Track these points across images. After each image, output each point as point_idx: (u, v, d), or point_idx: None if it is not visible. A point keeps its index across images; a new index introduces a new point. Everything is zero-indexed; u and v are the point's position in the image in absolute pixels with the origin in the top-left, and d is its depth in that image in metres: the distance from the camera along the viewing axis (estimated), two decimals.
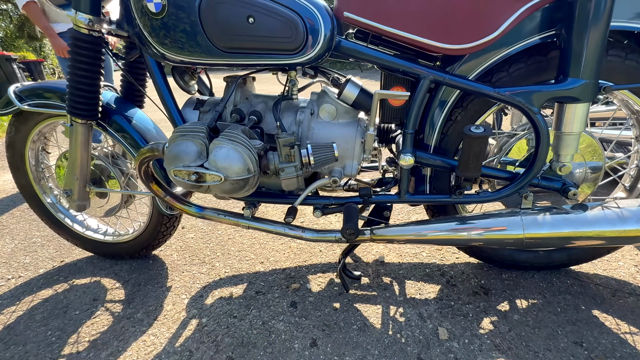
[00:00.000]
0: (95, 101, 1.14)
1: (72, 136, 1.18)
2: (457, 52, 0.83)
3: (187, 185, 0.84)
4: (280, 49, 0.91)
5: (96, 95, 1.13)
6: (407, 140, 0.95)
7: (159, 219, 1.38)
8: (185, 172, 0.81)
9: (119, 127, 1.23)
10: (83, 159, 1.22)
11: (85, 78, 1.08)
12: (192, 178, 0.81)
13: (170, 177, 0.86)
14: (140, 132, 1.25)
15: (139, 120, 1.27)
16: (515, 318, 1.03)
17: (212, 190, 0.84)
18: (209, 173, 0.80)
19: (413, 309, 1.10)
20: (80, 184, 1.26)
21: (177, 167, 0.81)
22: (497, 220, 0.91)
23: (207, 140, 0.83)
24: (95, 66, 1.09)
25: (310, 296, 1.20)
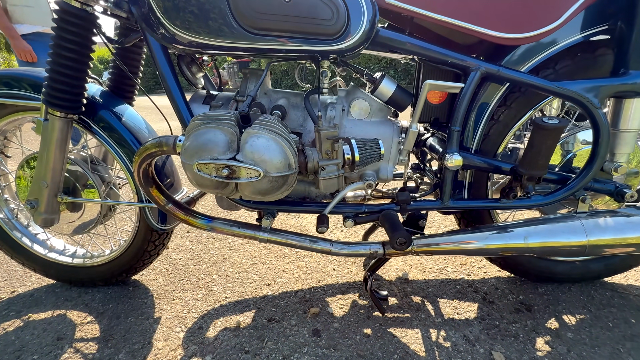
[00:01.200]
0: (80, 91, 0.95)
1: (47, 133, 0.97)
2: (513, 41, 0.78)
3: (213, 183, 0.68)
4: (319, 33, 0.80)
5: (82, 84, 0.95)
6: (453, 138, 0.86)
7: (146, 236, 1.16)
8: (214, 165, 0.65)
9: (106, 124, 1.03)
10: (57, 162, 1.00)
11: (72, 61, 0.89)
12: (224, 173, 0.65)
13: (188, 174, 0.69)
14: (132, 130, 1.06)
15: (130, 118, 1.08)
16: (569, 336, 0.94)
17: (243, 189, 0.68)
18: (246, 167, 0.65)
19: (456, 332, 0.97)
20: (50, 192, 1.03)
21: (202, 159, 0.65)
22: (555, 226, 0.83)
23: (239, 130, 0.68)
24: (85, 48, 0.91)
25: (334, 321, 1.03)
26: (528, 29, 0.76)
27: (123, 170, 1.08)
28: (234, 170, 0.65)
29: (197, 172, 0.66)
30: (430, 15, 0.80)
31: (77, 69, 0.91)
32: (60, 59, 0.88)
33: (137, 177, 0.84)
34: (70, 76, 0.91)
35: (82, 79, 0.94)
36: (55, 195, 1.05)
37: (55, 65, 0.89)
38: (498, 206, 0.90)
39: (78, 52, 0.89)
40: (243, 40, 0.81)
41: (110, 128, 1.03)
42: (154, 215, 1.10)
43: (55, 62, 0.88)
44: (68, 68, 0.89)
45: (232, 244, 1.53)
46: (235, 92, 0.99)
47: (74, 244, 1.39)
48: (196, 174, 0.67)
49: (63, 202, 1.08)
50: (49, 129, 0.96)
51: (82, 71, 0.93)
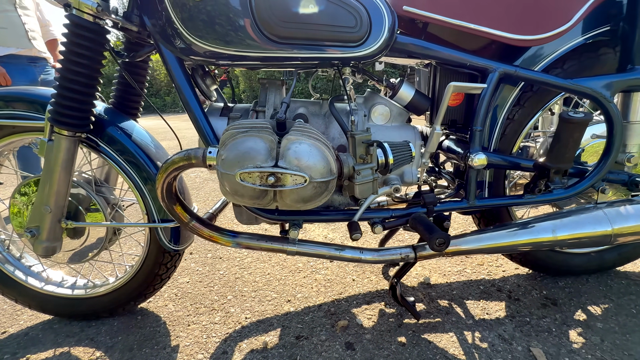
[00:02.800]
0: (89, 108, 0.90)
1: (51, 154, 0.91)
2: (529, 43, 0.82)
3: (255, 192, 0.65)
4: (343, 40, 0.81)
5: (91, 100, 0.90)
6: (476, 138, 0.88)
7: (157, 258, 1.09)
8: (258, 174, 0.62)
9: (116, 143, 0.98)
10: (62, 185, 0.94)
11: (82, 77, 0.85)
12: (270, 181, 0.62)
13: (227, 185, 0.66)
14: (143, 148, 1.01)
15: (139, 135, 1.03)
16: (599, 326, 0.95)
17: (285, 198, 0.66)
18: (292, 173, 0.62)
19: (490, 331, 0.96)
20: (53, 218, 0.96)
21: (245, 168, 0.62)
22: (580, 217, 0.86)
23: (277, 137, 0.66)
24: (96, 63, 0.87)
25: (366, 333, 1.00)
26: (543, 31, 0.80)
27: (133, 190, 1.02)
28: (279, 178, 0.63)
29: (240, 182, 0.63)
30: (447, 20, 0.83)
31: (87, 84, 0.87)
32: (70, 75, 0.84)
33: (161, 194, 0.79)
34: (80, 92, 0.86)
35: (91, 95, 0.89)
36: (59, 220, 0.97)
37: (65, 82, 0.84)
38: (522, 202, 0.92)
39: (89, 67, 0.85)
40: (267, 49, 0.81)
41: (120, 146, 0.98)
42: (166, 236, 1.05)
43: (65, 78, 0.84)
44: (79, 84, 0.85)
45: (242, 262, 1.47)
46: (252, 104, 0.98)
47: (74, 273, 1.29)
48: (238, 184, 0.64)
49: (67, 227, 1.00)
50: (54, 150, 0.90)
51: (92, 87, 0.88)
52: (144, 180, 1.00)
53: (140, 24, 0.88)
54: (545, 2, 0.78)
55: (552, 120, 1.11)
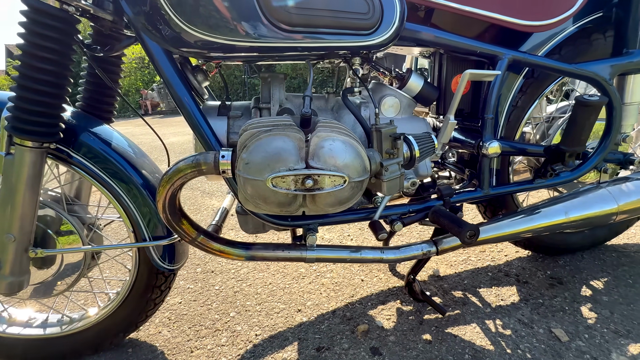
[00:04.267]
0: (59, 112, 0.76)
1: (12, 171, 0.75)
2: (536, 29, 0.82)
3: (287, 199, 0.57)
4: (354, 27, 0.75)
5: (61, 103, 0.76)
6: (488, 126, 0.88)
7: (149, 281, 0.96)
8: (293, 177, 0.55)
9: (91, 151, 0.84)
10: (28, 207, 0.78)
11: (50, 75, 0.71)
12: (308, 184, 0.55)
13: (251, 192, 0.57)
14: (126, 157, 0.88)
15: (117, 141, 0.90)
16: (605, 299, 1.00)
17: (320, 201, 0.59)
18: (330, 174, 0.55)
19: (509, 317, 0.97)
20: (18, 247, 0.80)
21: (277, 172, 0.54)
22: (588, 197, 0.89)
23: (304, 135, 0.59)
24: (65, 59, 0.73)
25: (389, 335, 0.96)
26: (550, 16, 0.81)
27: (115, 206, 0.88)
28: (316, 180, 0.56)
29: (271, 187, 0.55)
30: (457, 7, 0.81)
31: (55, 84, 0.72)
32: (33, 73, 0.69)
33: (163, 208, 0.68)
34: (47, 94, 0.72)
35: (60, 97, 0.75)
36: (26, 249, 0.81)
37: (27, 82, 0.69)
38: (534, 186, 0.93)
39: (57, 64, 0.71)
40: (273, 38, 0.73)
41: (98, 156, 0.84)
42: (159, 254, 0.92)
43: (27, 77, 0.69)
44: (45, 84, 0.70)
45: (237, 274, 1.37)
46: (253, 100, 0.89)
47: (45, 309, 1.11)
48: (268, 191, 0.55)
49: (37, 256, 0.84)
50: (16, 165, 0.75)
51: (61, 87, 0.74)
52: (129, 194, 0.87)
53: (116, 11, 0.76)
54: None
55: (544, 106, 1.14)
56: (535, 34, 0.88)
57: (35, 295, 0.93)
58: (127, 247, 0.89)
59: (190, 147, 4.21)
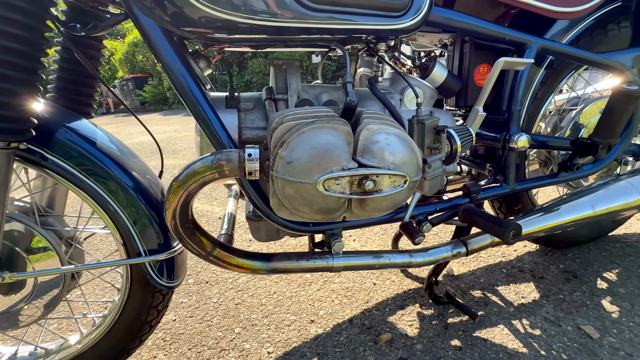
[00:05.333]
0: (30, 105, 0.61)
1: None
2: (566, 16, 0.78)
3: (338, 204, 0.48)
4: (385, 8, 0.67)
5: (34, 93, 0.61)
6: (515, 118, 0.83)
7: (144, 301, 0.84)
8: (349, 179, 0.45)
9: (70, 152, 0.70)
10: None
11: (18, 57, 0.56)
12: (368, 187, 0.46)
13: (293, 197, 0.47)
14: (112, 156, 0.74)
15: (102, 139, 0.76)
16: (622, 292, 1.00)
17: (369, 205, 0.50)
18: (391, 174, 0.47)
19: (535, 316, 0.94)
20: None
21: (330, 174, 0.44)
22: (611, 190, 0.88)
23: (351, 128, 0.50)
24: (38, 38, 0.59)
25: (415, 343, 0.90)
26: (579, 3, 0.77)
27: (102, 216, 0.75)
28: (375, 181, 0.47)
29: (323, 191, 0.45)
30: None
31: (26, 69, 0.58)
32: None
33: (173, 219, 0.56)
34: (15, 81, 0.57)
35: (32, 86, 0.60)
36: None
37: None
38: (558, 180, 0.90)
39: (28, 43, 0.57)
40: (295, 18, 0.63)
41: (80, 158, 0.70)
42: (156, 270, 0.80)
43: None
44: (12, 68, 0.56)
45: (235, 283, 1.25)
46: (264, 91, 0.78)
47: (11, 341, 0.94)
48: (318, 195, 0.46)
49: (4, 282, 0.69)
50: None
51: (34, 73, 0.60)
52: (119, 201, 0.74)
53: None
54: None
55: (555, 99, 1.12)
56: (558, 22, 0.85)
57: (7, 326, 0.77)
58: (117, 264, 0.76)
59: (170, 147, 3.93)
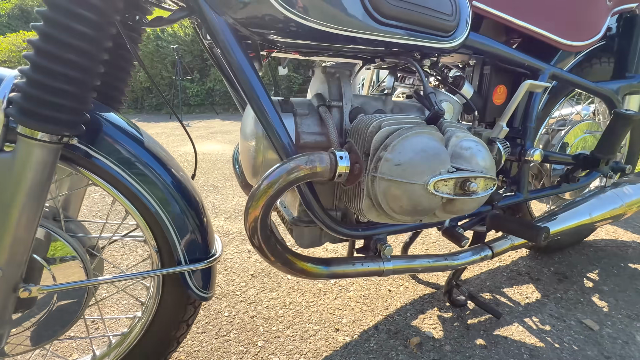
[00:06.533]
0: (89, 96, 0.56)
1: (10, 174, 0.53)
2: (574, 49, 0.91)
3: (439, 204, 0.50)
4: (438, 28, 0.73)
5: (95, 82, 0.56)
6: (530, 134, 0.94)
7: (175, 315, 0.78)
8: (454, 180, 0.48)
9: (116, 150, 0.64)
10: (25, 226, 0.56)
11: (86, 41, 0.52)
12: (472, 188, 0.49)
13: (397, 198, 0.48)
14: (156, 156, 0.70)
15: (143, 137, 0.71)
16: (605, 289, 1.14)
17: (457, 207, 0.53)
18: (486, 177, 0.50)
19: (542, 314, 1.03)
20: (5, 286, 0.57)
21: (439, 175, 0.47)
22: (601, 199, 1.01)
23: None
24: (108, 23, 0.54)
25: (443, 344, 0.94)
26: (585, 38, 0.91)
27: (140, 221, 0.69)
28: (477, 184, 0.50)
29: (433, 192, 0.47)
30: (514, 20, 0.86)
31: (91, 55, 0.53)
32: (66, 36, 0.49)
33: (254, 225, 0.54)
34: (80, 68, 0.52)
35: (95, 74, 0.55)
36: (15, 288, 0.57)
37: (55, 47, 0.49)
38: (561, 190, 1.03)
39: (97, 27, 0.52)
40: (366, 29, 0.66)
41: (127, 157, 0.65)
42: (194, 281, 0.75)
43: (56, 40, 0.49)
44: (79, 53, 0.51)
45: (244, 296, 1.20)
46: (313, 97, 0.79)
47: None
48: (424, 196, 0.48)
49: (30, 296, 0.60)
50: (17, 167, 0.53)
51: (97, 60, 0.55)
52: (165, 206, 0.69)
53: None
54: (589, 14, 0.89)
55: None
56: (562, 52, 0.99)
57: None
58: (159, 273, 0.70)
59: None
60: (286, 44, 0.68)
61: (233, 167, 1.06)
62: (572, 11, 0.88)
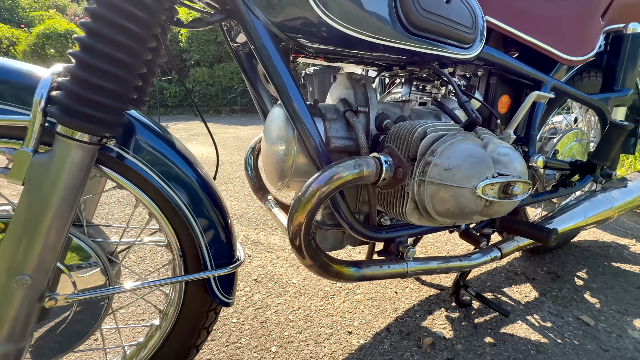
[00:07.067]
0: (130, 98, 0.54)
1: (46, 176, 0.50)
2: (573, 63, 0.99)
3: (483, 207, 0.52)
4: (460, 39, 0.77)
5: (140, 81, 0.55)
6: (533, 142, 1.00)
7: (196, 322, 0.76)
8: (499, 184, 0.50)
9: (149, 152, 0.63)
10: (58, 231, 0.54)
11: (134, 40, 0.50)
12: (516, 191, 0.51)
13: (443, 202, 0.50)
14: (186, 159, 0.69)
15: (171, 139, 0.70)
16: (595, 287, 1.22)
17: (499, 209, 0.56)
18: (525, 181, 0.53)
19: (542, 312, 1.09)
20: (32, 295, 0.54)
21: (487, 180, 0.49)
22: (593, 203, 1.09)
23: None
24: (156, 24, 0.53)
25: (455, 343, 0.97)
26: (582, 54, 0.98)
27: (166, 226, 0.67)
28: (518, 188, 0.53)
29: (482, 196, 0.50)
30: (521, 35, 0.92)
31: (137, 53, 0.52)
32: (116, 33, 0.48)
33: (298, 230, 0.54)
34: (127, 66, 0.51)
35: (136, 73, 0.54)
36: (41, 297, 0.55)
37: (105, 44, 0.48)
38: (559, 194, 1.10)
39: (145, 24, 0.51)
40: (398, 39, 0.69)
41: (160, 159, 0.63)
42: (220, 286, 0.74)
43: (106, 37, 0.48)
44: (125, 50, 0.50)
45: (251, 301, 1.18)
46: (338, 102, 0.81)
47: None
48: (472, 200, 0.50)
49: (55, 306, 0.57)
50: (54, 168, 0.50)
51: (140, 59, 0.54)
52: (196, 209, 0.67)
53: None
54: (586, 32, 0.97)
55: None
56: (560, 66, 1.06)
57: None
58: (187, 279, 0.68)
59: None
60: (319, 49, 0.69)
61: (245, 171, 1.05)
62: (573, 28, 0.96)
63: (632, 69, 1.10)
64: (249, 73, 0.85)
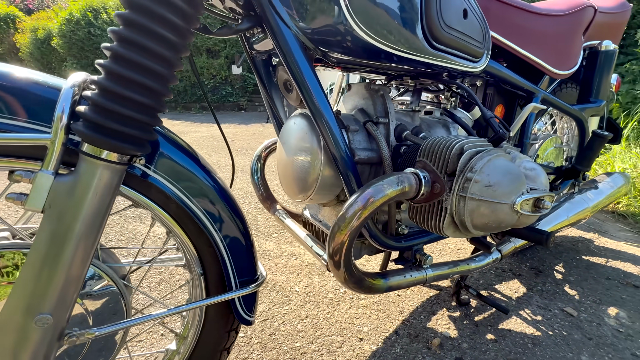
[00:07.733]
0: (160, 110, 0.50)
1: (71, 201, 0.45)
2: (559, 76, 1.07)
3: (517, 221, 0.54)
4: (472, 53, 0.80)
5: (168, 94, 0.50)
6: (528, 149, 1.07)
7: (217, 344, 0.73)
8: (533, 199, 0.53)
9: (173, 168, 0.59)
10: (82, 262, 0.49)
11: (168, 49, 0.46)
12: (546, 206, 0.54)
13: (483, 216, 0.52)
14: (207, 171, 0.65)
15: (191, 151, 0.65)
16: (572, 280, 1.34)
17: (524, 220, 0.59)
18: (550, 194, 0.57)
19: (531, 306, 1.18)
20: (52, 334, 0.48)
21: (525, 195, 0.51)
22: (572, 203, 1.19)
23: None
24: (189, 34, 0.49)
25: (461, 342, 1.01)
26: (567, 68, 1.06)
27: (188, 246, 0.63)
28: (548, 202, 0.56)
29: (519, 211, 0.52)
30: (520, 50, 0.97)
31: (172, 64, 0.48)
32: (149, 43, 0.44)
33: (340, 249, 0.53)
34: (161, 78, 0.47)
35: (170, 84, 0.50)
36: (60, 336, 0.49)
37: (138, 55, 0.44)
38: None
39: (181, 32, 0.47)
40: (422, 53, 0.70)
41: (184, 175, 0.59)
42: (244, 305, 0.71)
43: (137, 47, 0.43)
44: (160, 60, 0.46)
45: (259, 312, 1.15)
46: (357, 112, 0.80)
47: None
48: (509, 215, 0.52)
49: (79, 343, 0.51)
50: (79, 192, 0.45)
51: (174, 69, 0.49)
52: (223, 228, 0.64)
53: None
54: (572, 48, 1.05)
55: None
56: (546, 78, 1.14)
57: None
58: (215, 301, 0.64)
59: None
60: (343, 60, 0.69)
61: (252, 179, 1.02)
62: (561, 44, 1.03)
63: (606, 82, 1.21)
64: (265, 81, 0.82)
